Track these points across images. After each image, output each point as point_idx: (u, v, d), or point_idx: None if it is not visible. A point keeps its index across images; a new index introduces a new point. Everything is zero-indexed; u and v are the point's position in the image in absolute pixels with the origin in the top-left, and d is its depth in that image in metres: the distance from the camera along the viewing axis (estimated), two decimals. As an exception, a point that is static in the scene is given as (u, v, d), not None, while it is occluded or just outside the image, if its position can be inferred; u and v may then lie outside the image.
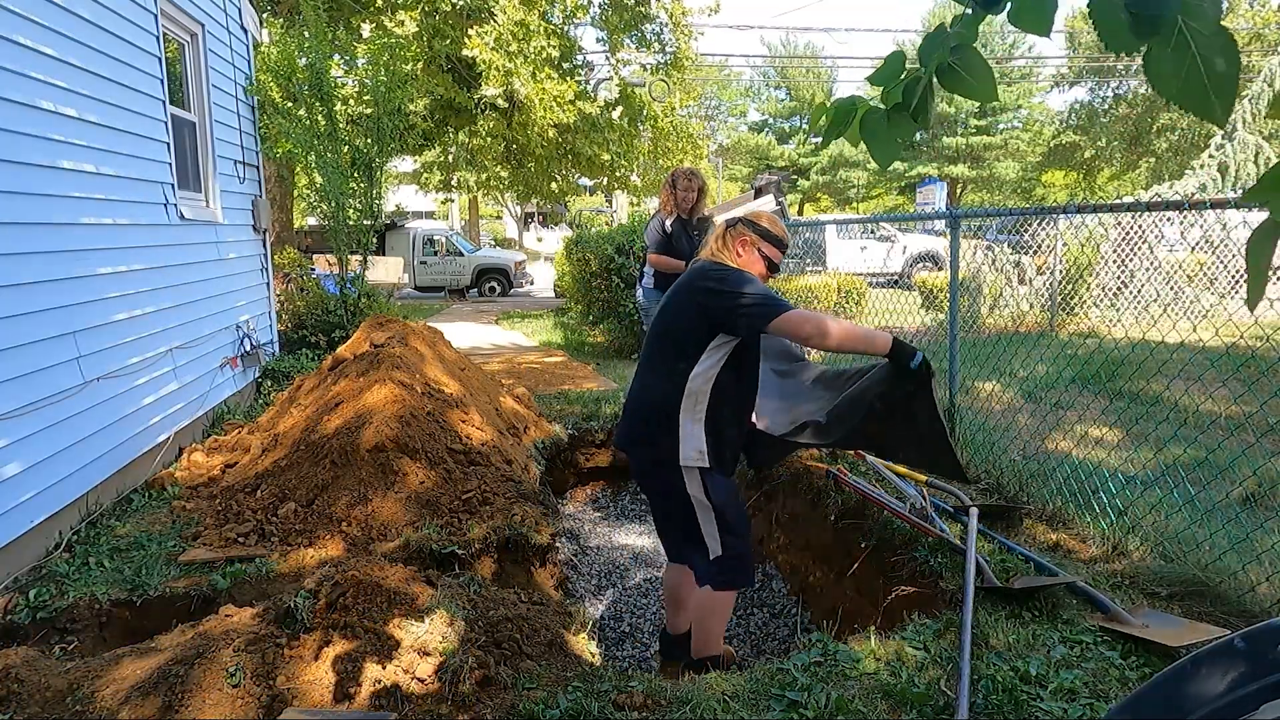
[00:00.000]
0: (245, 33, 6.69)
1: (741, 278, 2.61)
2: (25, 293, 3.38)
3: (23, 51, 3.42)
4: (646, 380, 2.77)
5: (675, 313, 2.72)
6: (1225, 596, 2.69)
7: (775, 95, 43.96)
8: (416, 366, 4.39)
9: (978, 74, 1.25)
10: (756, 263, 2.76)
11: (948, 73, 1.27)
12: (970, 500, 3.52)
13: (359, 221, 7.59)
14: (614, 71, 13.84)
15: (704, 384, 2.61)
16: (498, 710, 2.12)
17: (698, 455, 2.61)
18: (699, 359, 2.61)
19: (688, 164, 14.87)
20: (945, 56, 1.26)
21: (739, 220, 2.81)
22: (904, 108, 1.34)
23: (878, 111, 1.38)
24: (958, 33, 1.25)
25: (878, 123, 1.38)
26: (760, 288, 2.58)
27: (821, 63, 41.02)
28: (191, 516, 3.67)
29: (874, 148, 1.39)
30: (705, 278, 2.66)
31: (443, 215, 34.72)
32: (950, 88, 1.28)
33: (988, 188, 36.11)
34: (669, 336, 2.71)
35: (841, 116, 1.43)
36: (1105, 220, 9.42)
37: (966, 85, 1.26)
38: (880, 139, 1.38)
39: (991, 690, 2.15)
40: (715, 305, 2.58)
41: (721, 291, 2.57)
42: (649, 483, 2.90)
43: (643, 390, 2.78)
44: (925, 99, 1.31)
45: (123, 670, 2.18)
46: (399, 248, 17.78)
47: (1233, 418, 4.56)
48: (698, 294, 2.64)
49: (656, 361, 2.73)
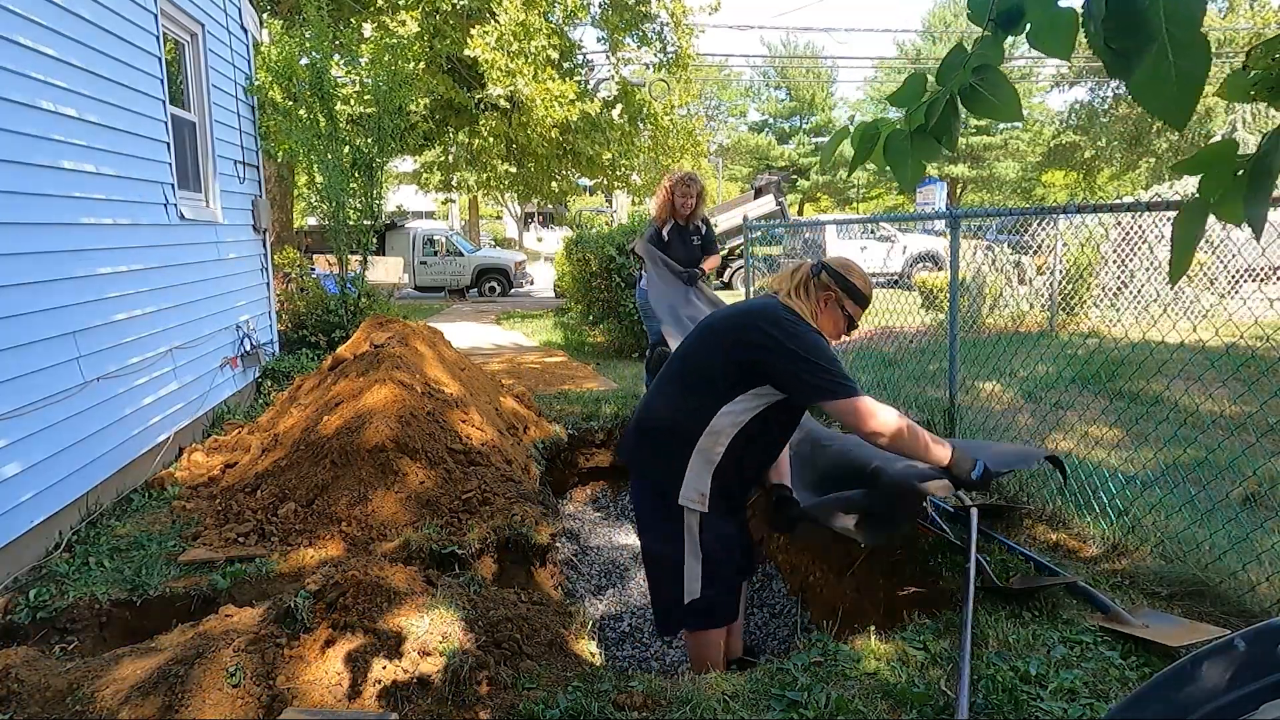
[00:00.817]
0: (245, 33, 6.69)
1: (815, 341, 2.36)
2: (25, 293, 3.38)
3: (23, 52, 3.43)
4: (666, 400, 2.54)
5: (718, 343, 2.48)
6: (1225, 596, 2.69)
7: (775, 95, 43.97)
8: (417, 366, 4.39)
9: (1001, 94, 1.24)
10: (837, 321, 2.52)
11: (971, 94, 1.25)
12: (970, 500, 3.52)
13: (359, 221, 7.59)
14: (614, 71, 13.85)
15: (730, 425, 2.40)
16: (498, 710, 2.12)
17: (698, 498, 2.44)
18: (733, 398, 2.39)
19: (688, 163, 14.87)
20: (967, 77, 1.24)
21: (826, 268, 2.51)
22: (926, 129, 1.32)
23: (901, 134, 1.36)
24: (979, 54, 1.23)
25: (901, 145, 1.36)
26: (830, 356, 2.35)
27: (821, 63, 41.03)
28: (191, 516, 3.67)
29: (898, 171, 1.36)
30: (774, 324, 2.37)
31: (443, 215, 34.73)
32: (974, 109, 1.26)
33: (988, 188, 36.12)
34: (703, 364, 2.48)
35: (866, 142, 1.40)
36: (1105, 220, 9.41)
37: (990, 106, 1.25)
38: (904, 161, 1.36)
39: (991, 690, 2.15)
40: (774, 362, 2.34)
41: (789, 351, 2.31)
42: (641, 507, 2.70)
43: (660, 410, 2.54)
44: (948, 120, 1.29)
45: (123, 670, 2.18)
46: (399, 248, 17.79)
47: (1233, 418, 4.56)
48: (755, 335, 2.37)
49: (681, 384, 2.50)
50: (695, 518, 2.46)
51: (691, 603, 2.52)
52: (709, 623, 2.61)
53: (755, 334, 2.38)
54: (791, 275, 2.54)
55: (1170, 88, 1.01)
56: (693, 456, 2.41)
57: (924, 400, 4.97)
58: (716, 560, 2.51)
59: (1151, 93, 1.03)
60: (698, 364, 2.51)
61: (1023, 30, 1.17)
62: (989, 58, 1.23)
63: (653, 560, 2.66)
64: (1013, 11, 1.17)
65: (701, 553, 2.49)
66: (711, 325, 2.58)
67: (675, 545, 2.50)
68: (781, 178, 20.19)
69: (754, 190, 19.43)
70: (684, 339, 2.67)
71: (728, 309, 2.61)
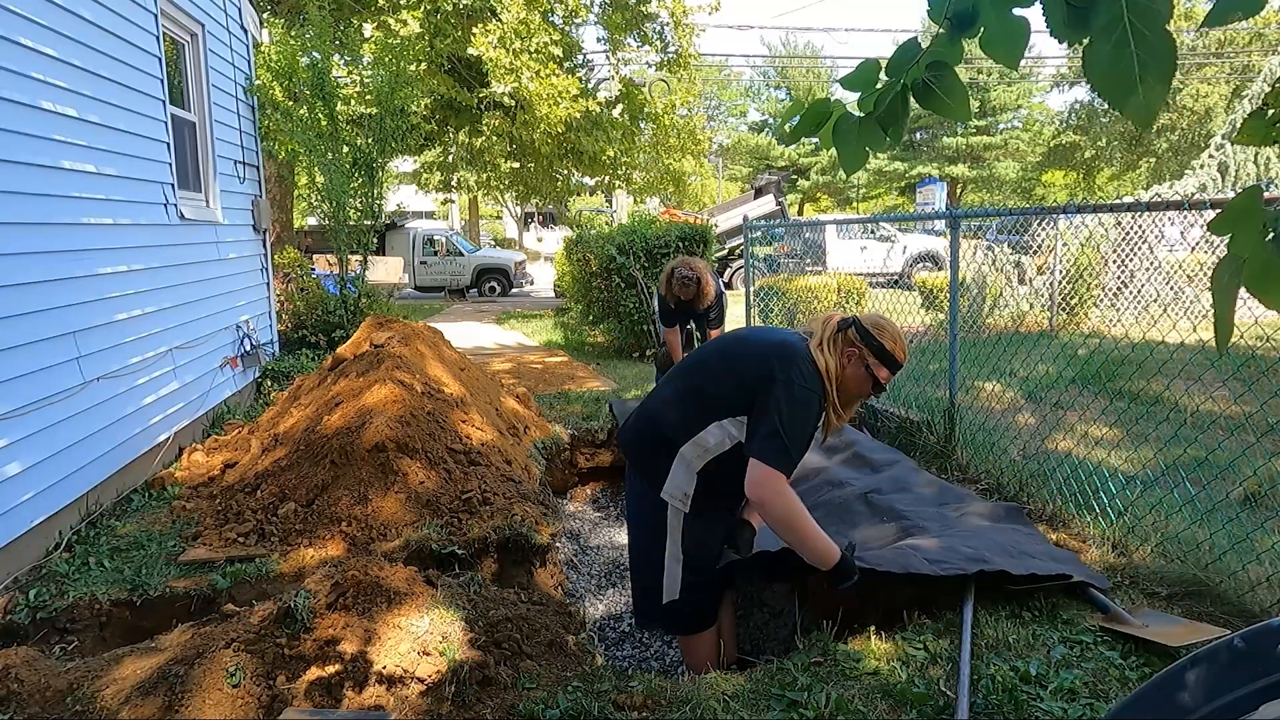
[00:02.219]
0: (245, 33, 6.69)
1: (804, 413, 2.29)
2: (26, 293, 3.38)
3: (24, 52, 3.43)
4: (669, 401, 2.53)
5: (736, 365, 2.44)
6: (1225, 596, 2.69)
7: (775, 95, 43.97)
8: (417, 366, 4.39)
9: (953, 94, 1.25)
10: (861, 381, 2.40)
11: (923, 90, 1.26)
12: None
13: (359, 221, 7.60)
14: (615, 70, 13.85)
15: (716, 444, 2.38)
16: (498, 710, 2.12)
17: (681, 497, 2.43)
18: (726, 420, 2.36)
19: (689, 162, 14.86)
20: (920, 72, 1.25)
21: (855, 323, 2.41)
22: (873, 117, 1.32)
23: (851, 118, 1.35)
24: (935, 51, 1.23)
25: (849, 129, 1.35)
26: (805, 435, 2.29)
27: (821, 63, 41.05)
28: (191, 516, 3.67)
29: (843, 154, 1.36)
30: (787, 368, 2.30)
31: (443, 215, 34.71)
32: (926, 105, 1.27)
33: (988, 188, 36.11)
34: (714, 376, 2.46)
35: (813, 118, 1.40)
36: (1105, 220, 9.42)
37: (941, 104, 1.26)
38: (850, 146, 1.35)
39: (991, 690, 2.15)
40: (763, 399, 2.28)
41: (776, 401, 2.25)
42: (629, 494, 2.71)
43: (661, 407, 2.54)
44: (896, 111, 1.29)
45: (123, 670, 2.18)
46: (399, 248, 17.78)
47: (1233, 418, 4.55)
48: (766, 369, 2.32)
49: (688, 393, 2.48)
50: (679, 518, 2.45)
51: (670, 603, 2.51)
52: (691, 627, 2.61)
53: (767, 368, 2.32)
54: (824, 325, 2.44)
55: (1132, 80, 1.00)
56: (676, 458, 2.41)
57: (924, 400, 4.97)
58: (695, 567, 2.49)
59: (1114, 84, 1.02)
60: (710, 375, 2.48)
61: (976, 33, 1.17)
62: (945, 55, 1.23)
63: (635, 551, 2.68)
64: (967, 14, 1.17)
65: (683, 556, 2.47)
66: (740, 345, 2.54)
67: (657, 540, 2.50)
68: (781, 178, 20.21)
69: (754, 190, 19.44)
70: (706, 345, 2.67)
71: (763, 338, 2.52)
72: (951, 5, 1.17)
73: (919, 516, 3.26)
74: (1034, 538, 3.10)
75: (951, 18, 1.18)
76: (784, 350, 2.37)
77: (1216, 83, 25.88)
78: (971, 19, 1.16)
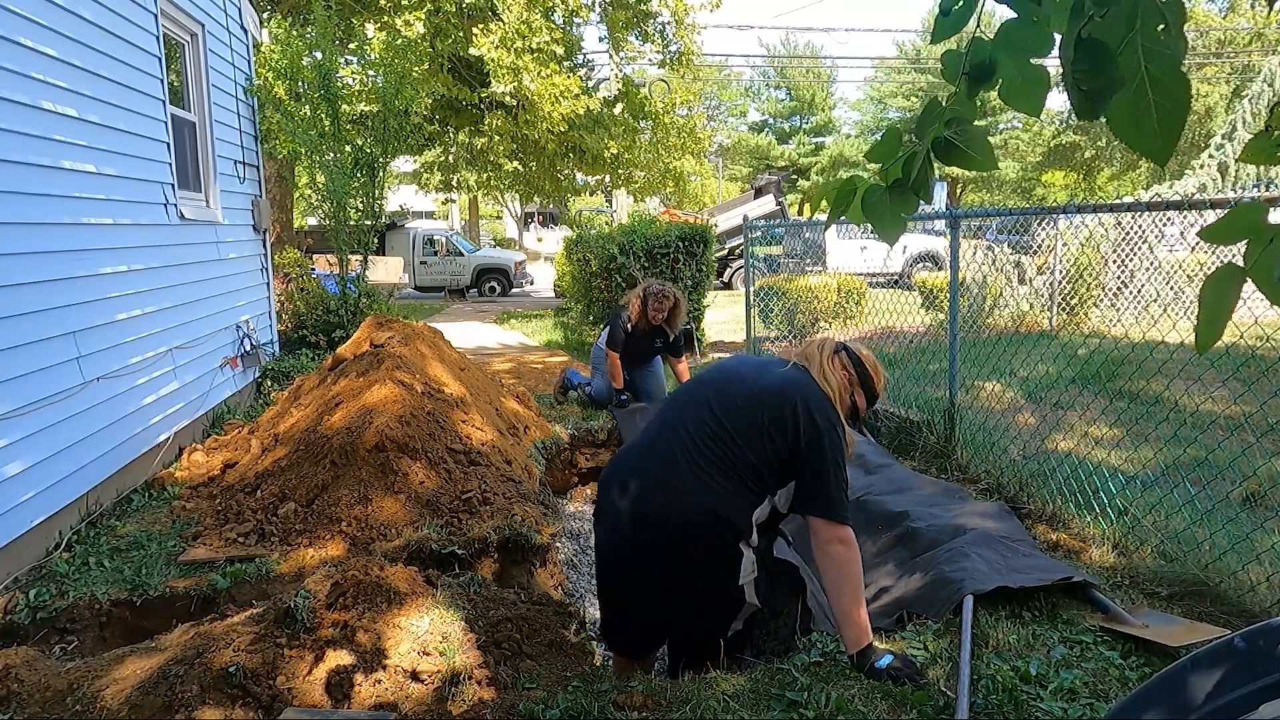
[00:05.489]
0: (245, 33, 6.69)
1: (843, 446, 2.25)
2: (26, 293, 3.38)
3: (25, 53, 3.43)
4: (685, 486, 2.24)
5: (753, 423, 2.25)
6: (1225, 596, 2.69)
7: (775, 95, 43.95)
8: (417, 366, 4.39)
9: (977, 147, 1.25)
10: (845, 406, 2.38)
11: (946, 146, 1.26)
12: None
13: (360, 221, 7.59)
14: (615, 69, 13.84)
15: (762, 515, 2.28)
16: (498, 710, 2.12)
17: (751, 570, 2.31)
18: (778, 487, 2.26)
19: (689, 161, 14.84)
20: (941, 130, 1.25)
21: (846, 349, 2.42)
22: (904, 183, 1.32)
23: (878, 189, 1.36)
24: (953, 109, 1.23)
25: (879, 200, 1.36)
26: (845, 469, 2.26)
27: (821, 63, 41.03)
28: (191, 516, 3.67)
29: (878, 225, 1.36)
30: (817, 413, 2.23)
31: (443, 215, 34.68)
32: (949, 162, 1.27)
33: (988, 187, 36.08)
34: (735, 450, 2.24)
35: (843, 197, 1.40)
36: (1105, 220, 9.42)
37: (965, 158, 1.25)
38: (882, 216, 1.35)
39: (991, 690, 2.15)
40: (808, 457, 2.19)
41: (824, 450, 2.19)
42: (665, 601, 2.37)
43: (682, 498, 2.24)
44: (924, 174, 1.29)
45: (123, 670, 2.18)
46: (399, 248, 17.78)
47: (1233, 418, 4.55)
48: (795, 421, 2.21)
49: (708, 470, 2.23)
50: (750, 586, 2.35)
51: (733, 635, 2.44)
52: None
53: (794, 420, 2.22)
54: (820, 349, 2.39)
55: (1150, 124, 1.02)
56: (743, 550, 2.25)
57: (924, 400, 4.97)
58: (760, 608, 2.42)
59: (1133, 129, 1.04)
60: (722, 449, 2.25)
61: (995, 85, 1.17)
62: (963, 111, 1.23)
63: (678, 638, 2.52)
64: (985, 66, 1.17)
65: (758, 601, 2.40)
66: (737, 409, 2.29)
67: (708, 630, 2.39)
68: (781, 178, 20.19)
69: (754, 190, 19.43)
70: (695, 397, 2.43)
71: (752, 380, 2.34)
72: (968, 60, 1.17)
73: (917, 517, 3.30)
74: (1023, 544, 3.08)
75: (969, 71, 1.19)
76: (806, 396, 2.27)
77: (1216, 83, 25.86)
78: (990, 71, 1.17)
